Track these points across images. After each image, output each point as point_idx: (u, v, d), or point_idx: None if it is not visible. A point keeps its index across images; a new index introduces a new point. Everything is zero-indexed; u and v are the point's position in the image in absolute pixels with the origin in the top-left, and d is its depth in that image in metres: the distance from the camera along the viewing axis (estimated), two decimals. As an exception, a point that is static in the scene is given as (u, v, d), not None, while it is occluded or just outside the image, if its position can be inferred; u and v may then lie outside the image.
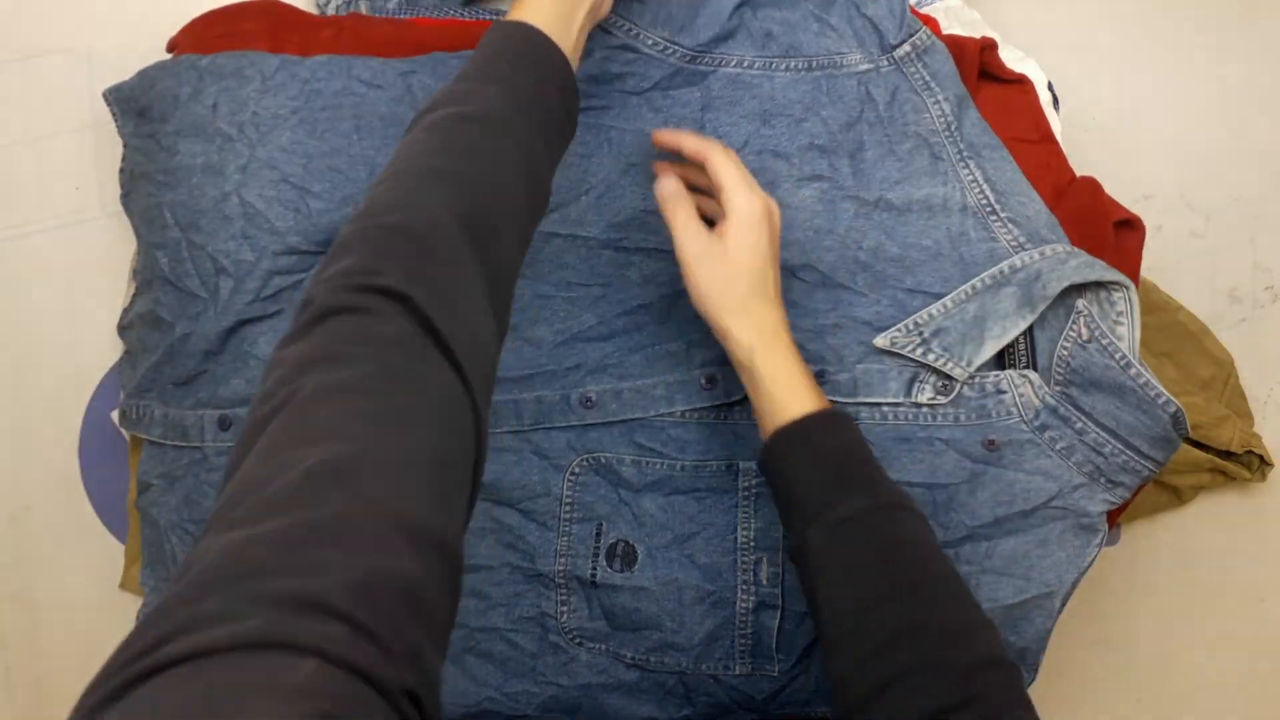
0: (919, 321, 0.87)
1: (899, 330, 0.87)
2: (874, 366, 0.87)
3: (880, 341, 0.87)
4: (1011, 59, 0.93)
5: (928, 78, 0.90)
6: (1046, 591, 0.86)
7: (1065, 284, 0.83)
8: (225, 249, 0.91)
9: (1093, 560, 0.86)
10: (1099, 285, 0.84)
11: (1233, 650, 1.08)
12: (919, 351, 0.86)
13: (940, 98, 0.89)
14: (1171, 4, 1.07)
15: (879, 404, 0.87)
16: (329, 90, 0.92)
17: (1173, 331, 1.03)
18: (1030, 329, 0.87)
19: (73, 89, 1.05)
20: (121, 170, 0.98)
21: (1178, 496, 1.05)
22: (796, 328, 0.87)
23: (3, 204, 1.06)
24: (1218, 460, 1.02)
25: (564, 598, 0.90)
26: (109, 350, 1.02)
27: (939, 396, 0.86)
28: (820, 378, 0.87)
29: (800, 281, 0.89)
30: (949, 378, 0.86)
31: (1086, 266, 0.83)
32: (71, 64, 1.05)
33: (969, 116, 0.90)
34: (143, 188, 0.94)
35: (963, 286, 0.87)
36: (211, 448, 0.92)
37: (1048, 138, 0.92)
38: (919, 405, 0.86)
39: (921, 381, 0.86)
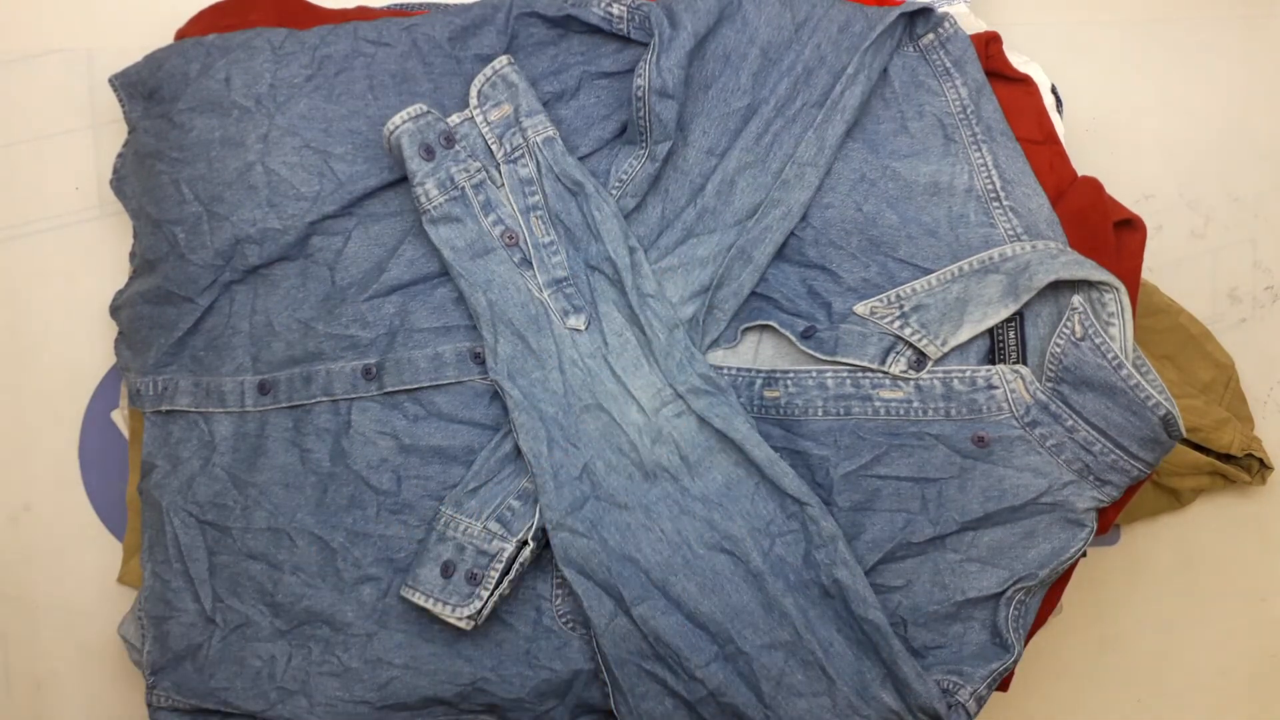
0: (901, 295, 0.88)
1: (880, 300, 0.88)
2: (856, 328, 0.88)
3: (860, 309, 0.88)
4: (1015, 62, 0.93)
5: (949, 64, 0.90)
6: (1025, 574, 0.87)
7: (1052, 278, 0.83)
8: (250, 218, 0.92)
9: (1077, 553, 0.86)
10: (1090, 286, 0.84)
11: (1233, 650, 1.08)
12: (896, 324, 0.87)
13: (959, 83, 0.90)
14: (1172, 4, 1.07)
15: (861, 376, 0.88)
16: (339, 54, 0.94)
17: (1174, 334, 1.03)
18: (1022, 324, 0.87)
19: (73, 89, 1.05)
20: (120, 155, 0.98)
21: (1177, 499, 1.05)
22: (789, 283, 0.90)
23: (3, 204, 1.06)
24: (1218, 463, 1.02)
25: (559, 580, 0.91)
26: (109, 350, 1.02)
27: (910, 370, 0.87)
28: (809, 334, 0.89)
29: (795, 236, 0.90)
30: (923, 354, 0.87)
31: (1076, 264, 0.84)
32: (71, 64, 1.06)
33: (988, 103, 0.90)
34: (153, 166, 0.95)
35: (950, 266, 0.88)
36: (253, 412, 0.93)
37: (1051, 139, 0.92)
38: (896, 379, 0.87)
39: (898, 353, 0.87)
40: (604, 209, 0.88)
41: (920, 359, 0.87)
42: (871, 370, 0.88)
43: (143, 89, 0.96)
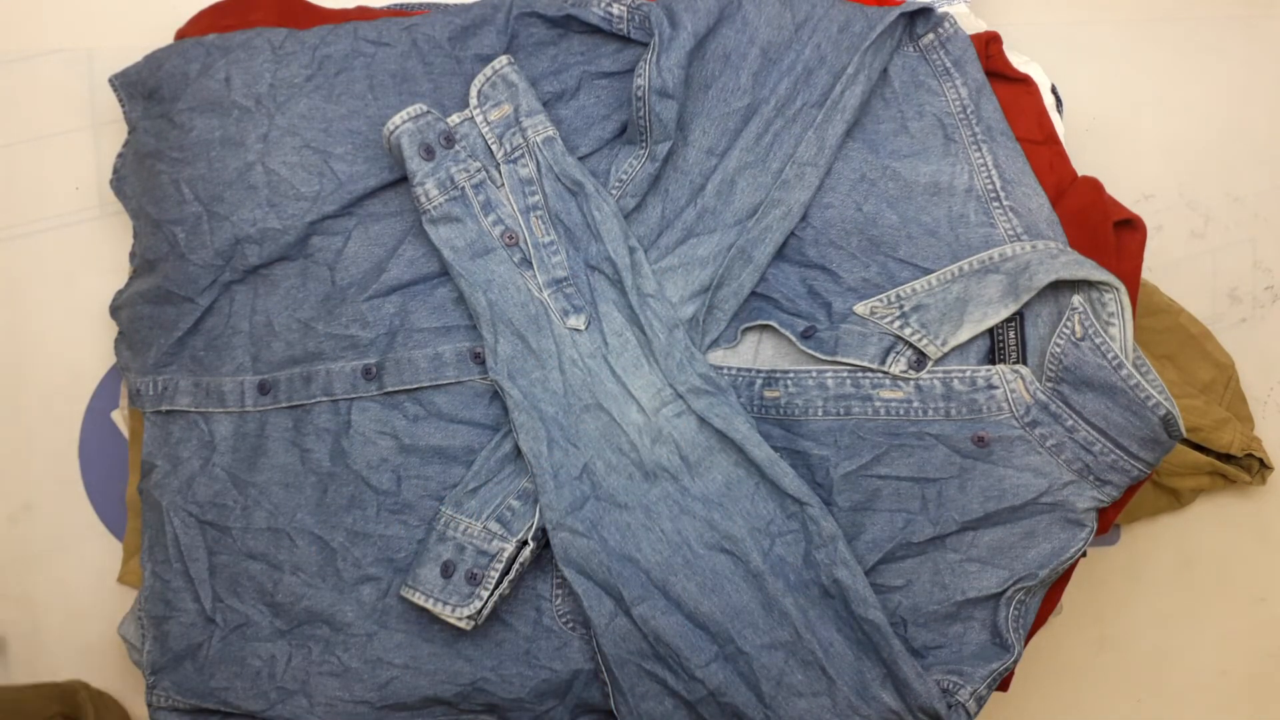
0: (901, 295, 0.88)
1: (880, 300, 0.88)
2: (856, 328, 0.88)
3: (860, 309, 0.89)
4: (1015, 62, 0.93)
5: (949, 64, 0.91)
6: (1025, 574, 0.87)
7: (1052, 278, 0.83)
8: (250, 218, 0.93)
9: (1077, 553, 0.86)
10: (1090, 286, 0.84)
11: (1233, 650, 1.08)
12: (896, 324, 0.87)
13: (959, 82, 0.90)
14: (1172, 4, 1.07)
15: (861, 376, 0.88)
16: (338, 54, 0.94)
17: (1174, 334, 1.03)
18: (1022, 324, 0.87)
19: (73, 89, 1.05)
20: (120, 155, 0.98)
21: (1177, 499, 1.05)
22: (789, 283, 0.90)
23: (3, 204, 1.06)
24: (1217, 463, 1.02)
25: (559, 580, 0.91)
26: (109, 350, 1.02)
27: (910, 370, 0.87)
28: (809, 334, 0.89)
29: (795, 236, 0.91)
30: (923, 354, 0.87)
31: (1076, 264, 0.84)
32: (71, 64, 1.06)
33: (988, 103, 0.90)
34: (153, 166, 0.95)
35: (950, 266, 0.88)
36: (253, 412, 0.93)
37: (1051, 139, 0.92)
38: (896, 379, 0.87)
39: (898, 353, 0.87)
40: (604, 209, 0.88)
41: (920, 359, 0.87)
42: (871, 370, 0.88)
43: (143, 89, 0.96)
